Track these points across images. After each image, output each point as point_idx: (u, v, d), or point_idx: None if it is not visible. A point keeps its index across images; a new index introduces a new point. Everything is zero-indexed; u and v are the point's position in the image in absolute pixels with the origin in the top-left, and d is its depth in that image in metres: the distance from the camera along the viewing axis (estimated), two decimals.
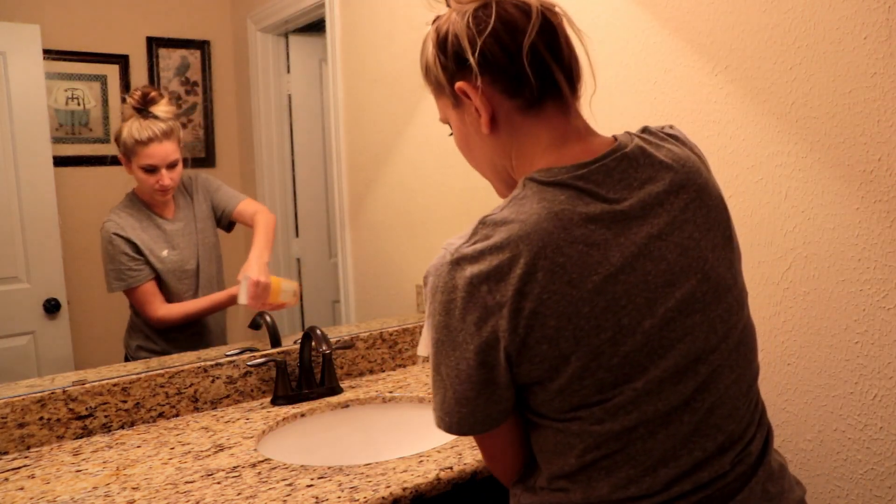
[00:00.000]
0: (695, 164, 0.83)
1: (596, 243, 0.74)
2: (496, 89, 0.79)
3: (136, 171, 1.52)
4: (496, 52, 0.77)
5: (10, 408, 1.27)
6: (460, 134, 0.86)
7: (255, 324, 1.63)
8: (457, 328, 0.75)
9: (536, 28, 0.78)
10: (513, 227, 0.74)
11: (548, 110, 0.80)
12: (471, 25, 0.77)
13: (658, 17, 1.60)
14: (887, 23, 1.25)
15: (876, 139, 1.28)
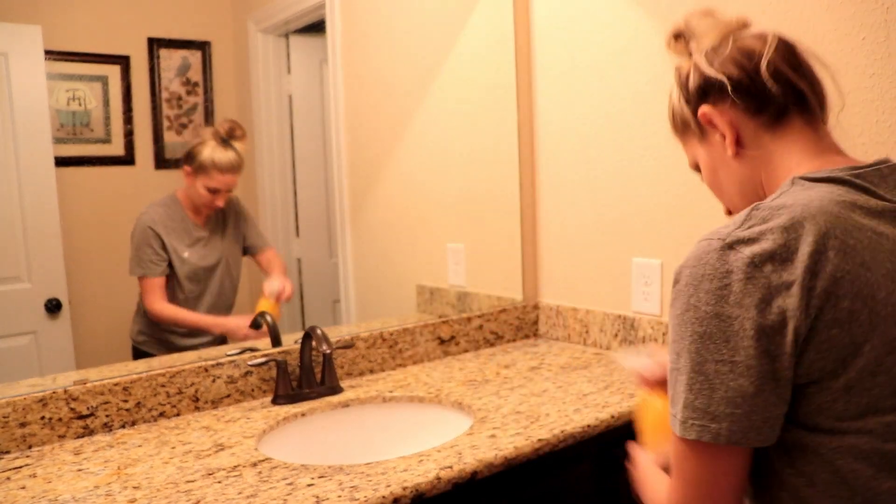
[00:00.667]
0: None
1: (884, 234, 0.71)
2: (739, 109, 0.81)
3: (199, 187, 1.64)
4: (733, 72, 0.80)
5: (11, 407, 1.27)
6: (709, 169, 0.88)
7: (256, 323, 1.63)
8: (732, 315, 0.68)
9: (773, 46, 0.81)
10: (795, 208, 0.70)
11: (795, 124, 0.81)
12: (708, 56, 0.82)
13: (658, 17, 1.61)
14: (885, 24, 1.25)
15: (875, 139, 1.29)
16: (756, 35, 0.83)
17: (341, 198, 1.90)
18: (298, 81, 1.81)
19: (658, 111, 1.63)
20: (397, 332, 1.75)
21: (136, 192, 1.56)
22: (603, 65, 1.73)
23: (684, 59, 0.88)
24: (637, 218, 1.71)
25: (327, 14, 1.84)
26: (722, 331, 0.69)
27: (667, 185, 1.63)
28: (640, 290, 1.71)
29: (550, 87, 1.87)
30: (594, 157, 1.79)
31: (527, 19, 1.91)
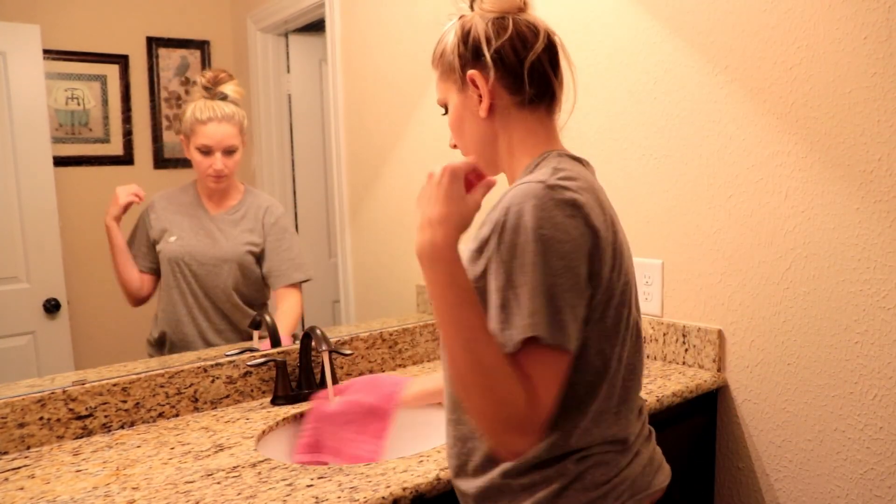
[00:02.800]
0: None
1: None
2: (501, 84, 0.95)
3: (193, 152, 1.51)
4: (509, 55, 0.94)
5: (9, 408, 1.27)
6: (457, 114, 1.00)
7: (255, 323, 1.63)
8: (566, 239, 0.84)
9: (544, 44, 0.96)
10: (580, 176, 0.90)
11: (540, 111, 0.99)
12: (491, 29, 0.95)
13: (658, 17, 1.60)
14: (887, 23, 1.25)
15: (876, 139, 1.28)
16: (530, 25, 0.96)
17: (341, 198, 1.89)
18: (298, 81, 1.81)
19: (658, 111, 1.62)
20: (397, 333, 1.74)
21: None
22: (603, 65, 1.73)
23: (465, 2, 1.00)
24: (637, 218, 1.70)
25: (327, 13, 1.84)
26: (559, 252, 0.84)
27: (667, 185, 1.63)
28: (641, 289, 1.71)
29: None
30: (594, 157, 1.79)
31: None
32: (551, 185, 0.85)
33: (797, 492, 1.46)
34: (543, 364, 0.83)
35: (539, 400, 0.82)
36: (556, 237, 0.82)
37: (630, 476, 0.94)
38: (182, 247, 1.55)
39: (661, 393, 1.45)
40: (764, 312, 1.49)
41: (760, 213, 1.47)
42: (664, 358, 1.67)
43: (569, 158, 0.95)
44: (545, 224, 0.82)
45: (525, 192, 0.84)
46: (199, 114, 1.52)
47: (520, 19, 0.96)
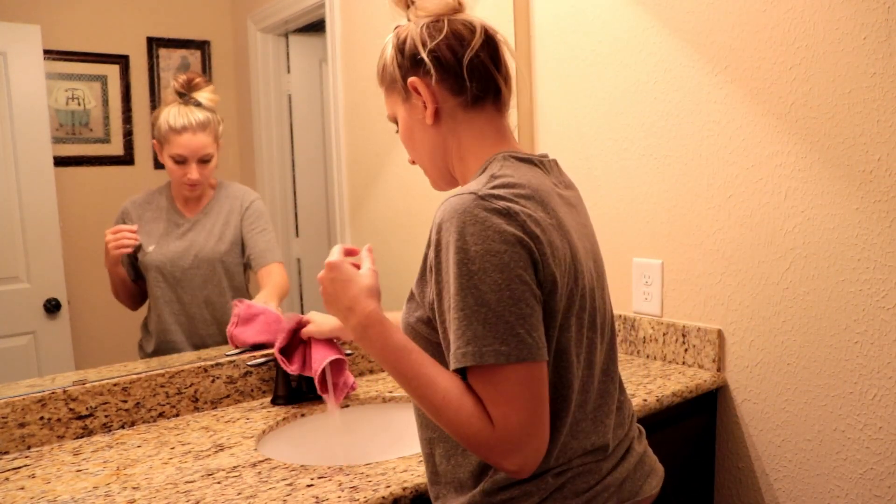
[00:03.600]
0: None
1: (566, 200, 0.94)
2: (443, 87, 0.93)
3: (166, 159, 1.48)
4: (446, 55, 0.92)
5: (10, 408, 1.27)
6: (406, 126, 0.99)
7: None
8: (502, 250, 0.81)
9: (481, 40, 0.93)
10: (522, 180, 0.87)
11: (487, 109, 0.95)
12: (425, 32, 0.93)
13: (658, 17, 1.61)
14: (886, 23, 1.25)
15: (876, 139, 1.28)
16: (466, 23, 0.94)
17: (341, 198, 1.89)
18: (298, 81, 1.81)
19: (658, 111, 1.63)
20: None
21: (134, 192, 1.55)
22: (603, 63, 1.73)
23: (401, 17, 0.99)
24: (637, 218, 1.70)
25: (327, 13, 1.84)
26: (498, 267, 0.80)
27: (667, 184, 1.63)
28: (641, 289, 1.71)
29: (550, 84, 1.87)
30: (594, 156, 1.79)
31: (527, 17, 1.90)
32: (482, 196, 0.81)
33: (797, 491, 1.46)
34: (505, 382, 0.79)
35: (509, 419, 0.79)
36: (490, 250, 0.79)
37: (614, 482, 0.92)
38: (162, 255, 1.53)
39: (661, 393, 1.45)
40: (764, 312, 1.49)
41: (760, 213, 1.47)
42: (664, 358, 1.67)
43: (514, 161, 0.91)
44: (478, 240, 0.79)
45: (454, 206, 0.81)
46: (173, 121, 1.48)
47: (455, 19, 0.94)
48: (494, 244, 0.79)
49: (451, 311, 0.81)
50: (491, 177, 0.86)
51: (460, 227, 0.80)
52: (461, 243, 0.80)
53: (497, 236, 0.79)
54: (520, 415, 0.79)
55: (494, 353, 0.78)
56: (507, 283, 0.79)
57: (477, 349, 0.79)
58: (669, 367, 1.63)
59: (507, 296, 0.79)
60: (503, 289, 0.79)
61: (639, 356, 1.73)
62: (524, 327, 0.79)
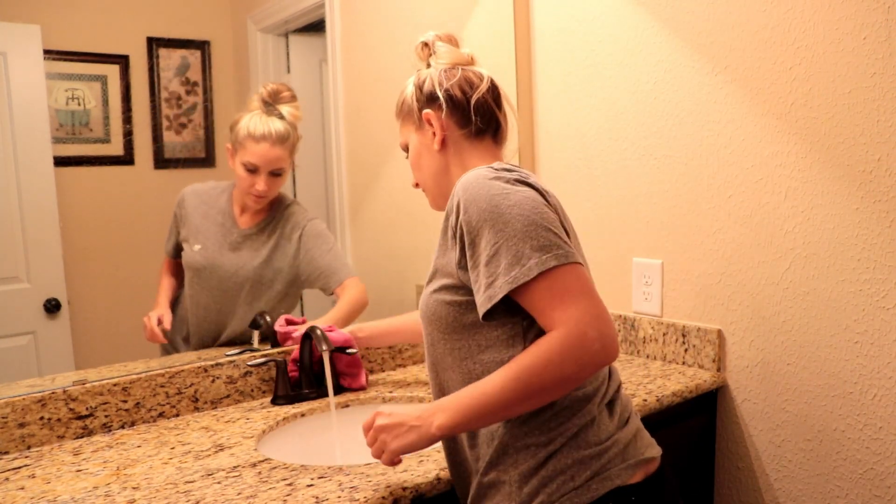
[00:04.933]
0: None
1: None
2: (451, 120, 1.10)
3: (238, 165, 1.45)
4: (457, 94, 1.09)
5: (10, 408, 1.27)
6: (415, 152, 1.14)
7: (256, 323, 1.63)
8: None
9: (488, 85, 1.11)
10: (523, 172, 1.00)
11: (487, 141, 1.12)
12: (442, 75, 1.11)
13: (658, 17, 1.61)
14: (886, 23, 1.25)
15: (876, 139, 1.28)
16: (476, 73, 1.12)
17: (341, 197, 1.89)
18: (298, 81, 1.81)
19: (658, 111, 1.62)
20: None
21: (135, 192, 1.55)
22: (603, 65, 1.73)
23: (422, 65, 1.16)
24: (637, 218, 1.70)
25: (327, 13, 1.84)
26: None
27: (667, 185, 1.63)
28: (641, 289, 1.71)
29: (551, 86, 1.87)
30: (594, 157, 1.79)
31: (527, 19, 1.90)
32: (496, 168, 0.97)
33: (797, 491, 1.46)
34: (563, 282, 0.88)
35: (571, 314, 0.86)
36: (518, 189, 0.93)
37: (622, 440, 0.98)
38: (205, 258, 1.53)
39: (661, 393, 1.45)
40: (764, 312, 1.49)
41: (760, 213, 1.47)
42: (664, 358, 1.67)
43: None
44: (504, 186, 0.93)
45: (474, 175, 0.96)
46: (254, 129, 1.46)
47: (468, 69, 1.12)
48: (520, 187, 0.94)
49: (498, 246, 0.90)
50: (493, 167, 0.99)
51: (485, 184, 0.93)
52: (491, 191, 0.92)
53: (518, 184, 0.95)
54: (581, 304, 0.88)
55: (555, 256, 0.89)
56: (540, 208, 0.92)
57: (539, 259, 0.88)
58: (669, 367, 1.63)
59: (546, 215, 0.92)
60: (541, 211, 0.92)
61: (639, 356, 1.73)
62: (564, 238, 0.92)
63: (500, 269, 0.89)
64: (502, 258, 0.89)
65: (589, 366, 0.87)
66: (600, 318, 0.87)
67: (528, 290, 0.89)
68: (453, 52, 1.13)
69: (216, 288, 1.56)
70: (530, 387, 0.88)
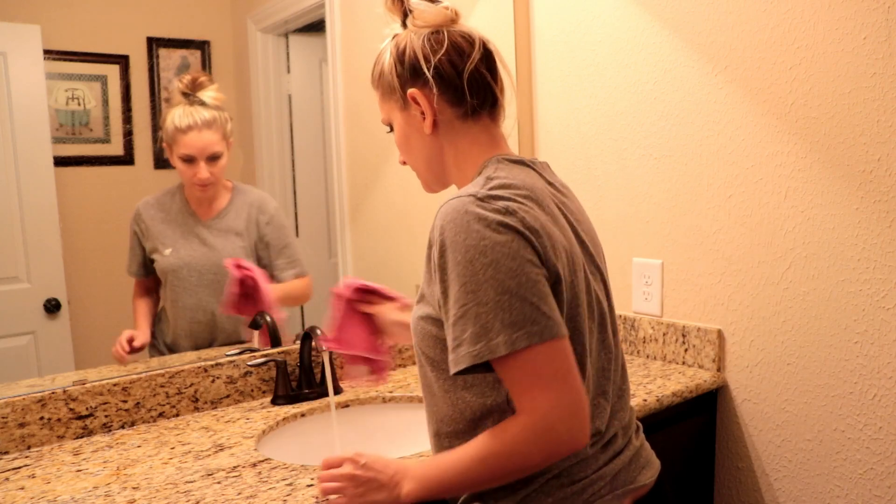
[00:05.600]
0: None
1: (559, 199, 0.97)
2: (442, 99, 0.96)
3: (176, 161, 1.48)
4: (447, 69, 0.95)
5: (10, 408, 1.27)
6: (402, 133, 1.02)
7: (255, 323, 1.63)
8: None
9: (480, 53, 0.96)
10: (516, 180, 0.90)
11: (483, 119, 0.99)
12: (426, 45, 0.95)
13: (658, 17, 1.61)
14: (886, 23, 1.25)
15: (876, 139, 1.28)
16: (465, 35, 0.96)
17: (341, 198, 1.89)
18: (298, 81, 1.81)
19: (658, 111, 1.63)
20: None
21: (135, 192, 1.55)
22: (603, 64, 1.73)
23: (396, 21, 1.00)
24: (637, 218, 1.70)
25: (327, 13, 1.84)
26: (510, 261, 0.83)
27: (667, 185, 1.63)
28: (641, 289, 1.71)
29: (550, 86, 1.87)
30: (594, 157, 1.79)
31: (527, 18, 1.90)
32: (482, 197, 0.85)
33: (797, 491, 1.46)
34: (535, 363, 0.82)
35: (538, 401, 0.82)
36: (498, 241, 0.82)
37: (609, 472, 0.94)
38: (179, 259, 1.53)
39: (661, 393, 1.45)
40: (764, 312, 1.49)
41: (760, 213, 1.47)
42: (664, 358, 1.67)
43: (508, 163, 0.95)
44: (484, 234, 0.82)
45: (456, 207, 0.85)
46: (179, 122, 1.48)
47: (454, 31, 0.96)
48: (500, 236, 0.82)
49: (466, 309, 0.82)
50: (487, 179, 0.90)
51: (465, 226, 0.83)
52: (468, 241, 0.82)
53: (501, 228, 0.83)
54: (573, 381, 0.82)
55: (527, 335, 0.81)
56: (521, 267, 0.82)
57: (507, 338, 0.81)
58: (669, 367, 1.63)
59: (524, 279, 0.82)
60: (520, 273, 0.82)
61: (639, 356, 1.73)
62: (547, 305, 0.83)
63: (465, 336, 0.82)
64: (469, 325, 0.82)
65: (556, 455, 0.83)
66: (571, 409, 0.82)
67: (497, 364, 0.83)
68: (434, 11, 0.97)
69: (197, 285, 1.55)
70: (496, 472, 0.85)
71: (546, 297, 0.83)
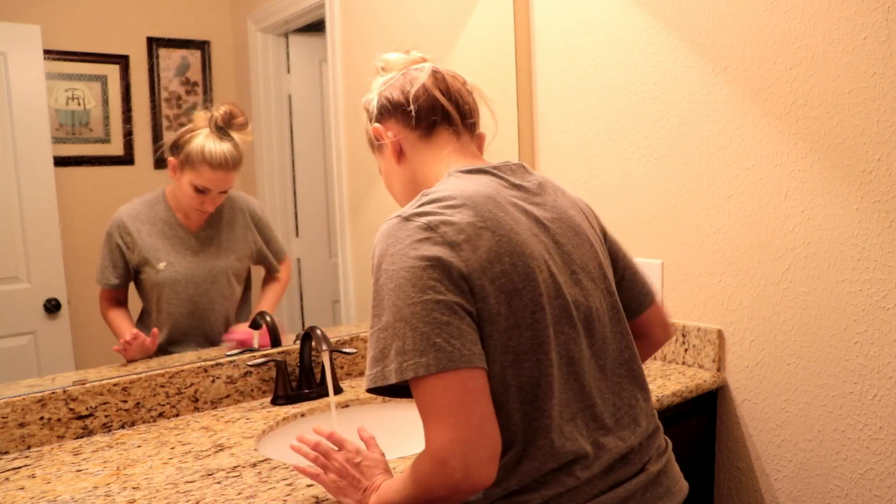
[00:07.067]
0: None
1: (519, 205, 0.93)
2: (400, 124, 1.01)
3: (185, 184, 1.47)
4: (395, 95, 1.01)
5: (10, 408, 1.27)
6: (385, 173, 1.08)
7: (256, 323, 1.63)
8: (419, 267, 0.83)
9: (427, 75, 1.01)
10: (456, 194, 0.89)
11: (443, 134, 1.01)
12: (382, 86, 1.04)
13: (658, 17, 1.61)
14: (886, 23, 1.25)
15: (876, 139, 1.28)
16: (417, 67, 1.03)
17: (341, 198, 1.89)
18: (298, 81, 1.81)
19: (658, 111, 1.63)
20: None
21: (135, 193, 1.55)
22: (603, 65, 1.73)
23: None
24: (637, 218, 1.70)
25: (327, 13, 1.84)
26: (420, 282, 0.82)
27: (667, 185, 1.63)
28: None
29: (551, 86, 1.87)
30: (594, 157, 1.79)
31: (527, 19, 1.90)
32: (406, 217, 0.86)
33: (797, 491, 1.46)
34: (429, 395, 0.79)
35: (438, 434, 0.78)
36: (405, 266, 0.81)
37: (609, 502, 0.86)
38: (176, 272, 1.52)
39: (661, 393, 1.45)
40: (764, 312, 1.49)
41: (760, 213, 1.47)
42: (664, 358, 1.67)
43: (458, 175, 0.94)
44: (396, 259, 0.82)
45: (383, 231, 0.87)
46: (210, 156, 1.46)
47: (414, 68, 1.03)
48: (409, 260, 0.82)
49: (372, 331, 0.84)
50: (422, 195, 0.91)
51: (384, 250, 0.85)
52: (384, 264, 0.84)
53: (413, 253, 0.82)
54: (444, 426, 0.78)
55: (414, 365, 0.79)
56: (419, 295, 0.80)
57: (398, 366, 0.80)
58: (669, 367, 1.63)
59: (419, 309, 0.80)
60: (416, 302, 0.80)
61: None
62: (441, 336, 0.79)
63: (368, 359, 0.84)
64: (371, 348, 0.83)
65: (457, 493, 0.78)
66: (466, 446, 0.77)
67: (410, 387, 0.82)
68: (400, 59, 1.05)
69: (192, 295, 1.55)
70: (414, 502, 0.83)
71: (443, 325, 0.79)
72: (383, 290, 0.83)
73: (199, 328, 1.57)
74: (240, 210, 1.61)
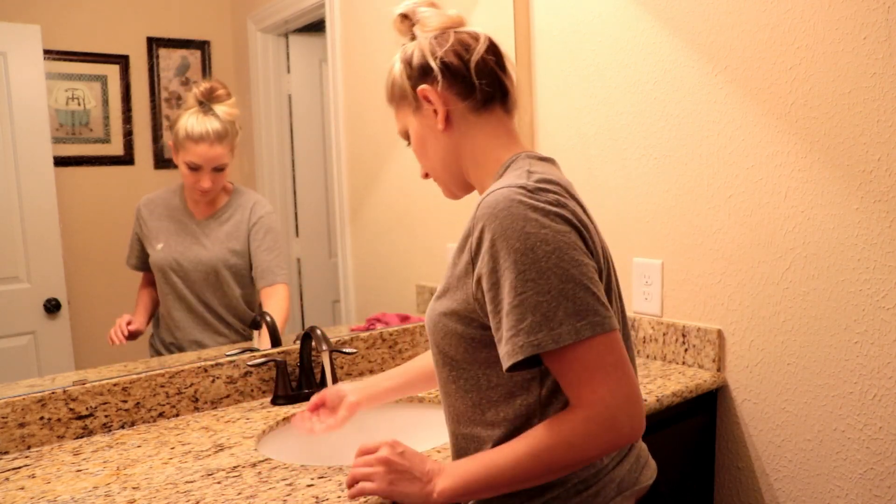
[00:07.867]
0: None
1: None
2: (452, 91, 0.96)
3: (181, 164, 1.52)
4: (454, 60, 0.95)
5: (10, 408, 1.27)
6: (418, 138, 1.02)
7: (256, 323, 1.63)
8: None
9: (486, 45, 0.97)
10: (554, 177, 0.89)
11: (496, 112, 0.98)
12: (433, 43, 0.97)
13: (658, 17, 1.61)
14: (886, 23, 1.25)
15: (876, 139, 1.28)
16: (470, 33, 0.98)
17: (341, 198, 1.89)
18: (298, 81, 1.81)
19: (658, 111, 1.63)
20: (397, 333, 1.74)
21: (135, 192, 1.55)
22: (603, 65, 1.73)
23: (407, 38, 1.01)
24: (637, 218, 1.70)
25: (327, 13, 1.84)
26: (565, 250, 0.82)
27: (667, 185, 1.63)
28: (641, 289, 1.71)
29: (551, 86, 1.87)
30: (594, 157, 1.79)
31: (527, 19, 1.90)
32: (531, 189, 0.84)
33: (797, 492, 1.46)
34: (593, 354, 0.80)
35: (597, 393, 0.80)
36: (559, 231, 0.81)
37: (617, 476, 0.94)
38: (168, 254, 1.55)
39: (661, 393, 1.45)
40: (764, 312, 1.49)
41: (760, 213, 1.47)
42: (664, 358, 1.67)
43: (538, 160, 0.95)
44: (543, 224, 0.81)
45: (507, 196, 0.83)
46: (191, 130, 1.50)
47: (460, 31, 0.98)
48: (559, 225, 0.82)
49: (525, 297, 0.80)
50: (528, 172, 0.88)
51: (521, 214, 0.81)
52: (527, 228, 0.80)
53: (559, 219, 0.82)
54: (612, 383, 0.80)
55: (590, 325, 0.80)
56: (581, 257, 0.82)
57: (572, 327, 0.79)
58: (669, 367, 1.63)
59: (585, 269, 0.82)
60: (581, 263, 0.81)
61: (639, 356, 1.73)
62: (604, 297, 0.83)
63: (523, 326, 0.80)
64: (528, 314, 0.80)
65: (615, 448, 0.82)
66: (631, 399, 0.81)
67: (555, 356, 0.81)
68: (440, 16, 0.99)
69: (186, 282, 1.56)
70: (548, 467, 0.83)
71: (601, 289, 0.83)
72: (535, 254, 0.79)
73: (194, 317, 1.58)
74: (246, 209, 1.63)
